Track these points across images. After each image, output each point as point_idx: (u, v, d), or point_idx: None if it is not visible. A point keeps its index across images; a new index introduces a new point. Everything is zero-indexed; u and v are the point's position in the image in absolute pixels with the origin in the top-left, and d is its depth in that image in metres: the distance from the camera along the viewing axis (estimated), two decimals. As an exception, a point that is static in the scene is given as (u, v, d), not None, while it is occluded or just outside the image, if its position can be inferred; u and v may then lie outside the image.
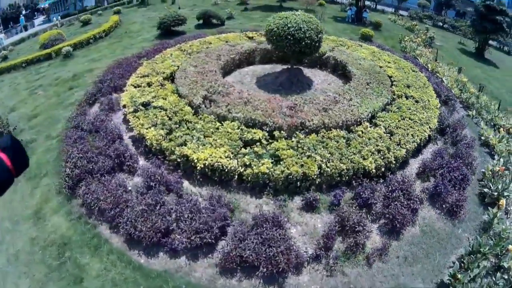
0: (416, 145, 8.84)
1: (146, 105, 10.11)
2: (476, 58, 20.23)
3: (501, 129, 9.99)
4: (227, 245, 5.93)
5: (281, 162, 7.48)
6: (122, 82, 12.34)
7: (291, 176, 7.21)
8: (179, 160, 7.75)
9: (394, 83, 11.67)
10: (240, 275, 5.88)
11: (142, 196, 6.94)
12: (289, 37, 10.75)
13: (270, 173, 7.21)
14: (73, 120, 10.48)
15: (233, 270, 5.91)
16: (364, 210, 7.16)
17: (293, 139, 8.31)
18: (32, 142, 10.35)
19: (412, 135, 8.94)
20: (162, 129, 8.72)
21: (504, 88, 15.87)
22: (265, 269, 5.66)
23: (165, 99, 10.31)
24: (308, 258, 6.18)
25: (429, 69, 14.09)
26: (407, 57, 15.42)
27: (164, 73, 12.06)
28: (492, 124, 10.64)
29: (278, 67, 13.99)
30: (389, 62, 13.38)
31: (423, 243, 7.07)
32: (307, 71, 13.52)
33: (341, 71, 13.56)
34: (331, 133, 8.61)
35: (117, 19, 20.17)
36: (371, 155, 8.01)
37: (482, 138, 10.00)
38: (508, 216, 7.94)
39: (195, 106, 9.78)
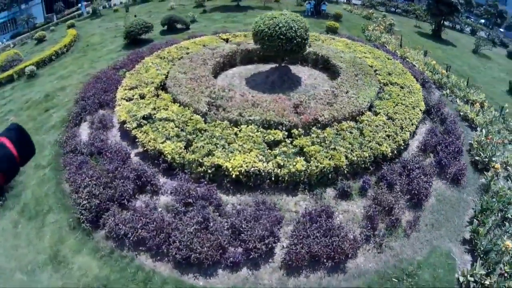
0: (414, 127, 9.77)
1: (147, 118, 9.64)
2: (434, 39, 22.31)
3: (476, 103, 11.42)
4: (294, 244, 6.04)
5: (312, 158, 7.77)
6: (108, 97, 11.53)
7: (325, 170, 7.55)
8: (209, 171, 7.59)
9: (376, 72, 12.61)
10: (306, 271, 6.07)
11: (185, 215, 6.65)
12: (281, 36, 11.00)
13: (305, 169, 7.46)
14: (65, 144, 9.59)
15: (298, 268, 6.07)
16: (392, 190, 7.81)
17: (312, 135, 8.64)
18: (20, 175, 9.15)
19: (409, 118, 9.84)
20: (179, 141, 8.43)
21: (465, 65, 17.90)
22: (329, 259, 5.93)
23: (167, 109, 9.94)
24: (361, 241, 6.62)
25: (399, 55, 15.42)
26: (376, 45, 16.64)
27: (153, 83, 11.53)
28: (465, 100, 12.11)
29: (261, 67, 14.18)
30: (365, 53, 14.35)
31: (441, 210, 8.10)
32: (291, 68, 13.93)
33: (322, 65, 14.20)
34: (343, 125, 9.12)
35: (75, 33, 18.63)
36: (384, 140, 8.69)
37: (461, 113, 11.36)
38: (498, 178, 9.21)
39: (201, 113, 9.59)
